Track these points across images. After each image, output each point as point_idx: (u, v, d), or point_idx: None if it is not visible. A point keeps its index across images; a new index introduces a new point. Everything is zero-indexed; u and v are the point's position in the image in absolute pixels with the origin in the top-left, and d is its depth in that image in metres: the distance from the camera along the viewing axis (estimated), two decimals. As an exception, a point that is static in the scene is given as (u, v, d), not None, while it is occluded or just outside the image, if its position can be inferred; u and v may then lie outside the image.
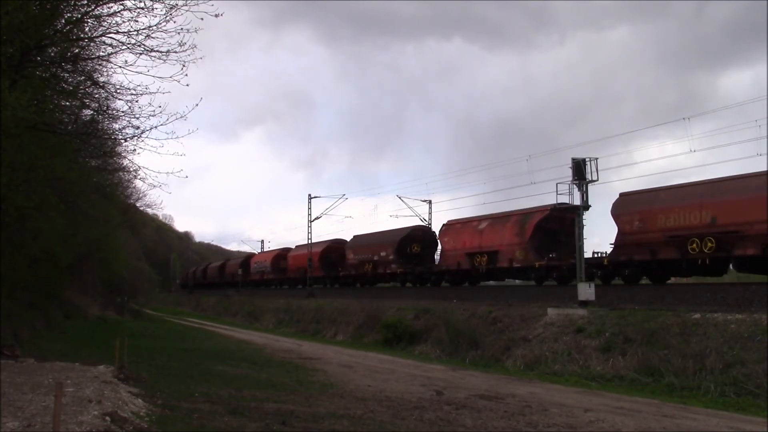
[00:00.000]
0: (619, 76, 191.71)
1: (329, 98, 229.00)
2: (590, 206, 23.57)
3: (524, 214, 30.20)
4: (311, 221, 47.80)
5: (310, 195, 47.95)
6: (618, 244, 24.95)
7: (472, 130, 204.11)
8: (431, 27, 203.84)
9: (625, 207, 24.76)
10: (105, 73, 14.92)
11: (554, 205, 26.69)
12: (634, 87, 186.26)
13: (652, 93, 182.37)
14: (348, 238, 48.21)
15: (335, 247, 48.25)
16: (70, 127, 14.82)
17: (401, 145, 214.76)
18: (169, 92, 13.32)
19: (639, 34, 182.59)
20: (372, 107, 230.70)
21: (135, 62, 12.68)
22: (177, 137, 13.74)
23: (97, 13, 12.32)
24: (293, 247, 57.59)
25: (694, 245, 21.71)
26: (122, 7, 12.09)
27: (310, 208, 47.84)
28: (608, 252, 25.54)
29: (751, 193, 20.21)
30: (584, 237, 22.93)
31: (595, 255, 25.79)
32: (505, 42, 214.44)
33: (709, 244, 21.25)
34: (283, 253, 57.73)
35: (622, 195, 25.51)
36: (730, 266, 22.56)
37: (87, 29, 12.88)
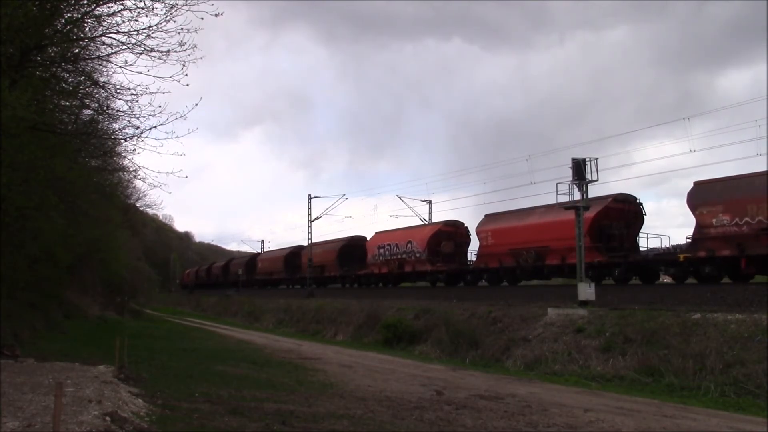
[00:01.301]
0: (618, 76, 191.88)
1: (328, 98, 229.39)
2: (590, 206, 23.61)
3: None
4: (311, 221, 47.84)
5: (310, 195, 47.96)
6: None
7: (471, 130, 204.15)
8: (430, 27, 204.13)
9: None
10: (105, 73, 14.96)
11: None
12: (632, 87, 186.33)
13: (650, 93, 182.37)
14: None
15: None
16: (70, 127, 14.84)
17: (400, 145, 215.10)
18: (169, 92, 13.36)
19: (638, 34, 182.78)
20: (371, 107, 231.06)
21: (135, 62, 12.72)
22: (177, 137, 13.77)
23: (97, 13, 12.34)
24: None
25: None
26: (122, 7, 12.13)
27: (310, 208, 47.87)
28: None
29: None
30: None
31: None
32: (504, 42, 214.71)
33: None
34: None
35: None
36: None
37: (87, 29, 12.90)
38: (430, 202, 45.60)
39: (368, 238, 43.82)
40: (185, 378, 13.14)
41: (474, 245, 34.36)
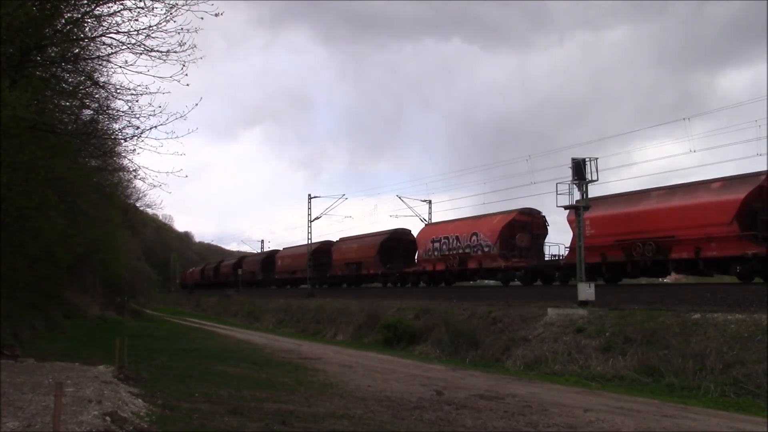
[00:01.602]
0: (618, 76, 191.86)
1: (328, 98, 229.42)
2: (590, 206, 23.59)
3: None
4: (311, 221, 47.81)
5: (310, 195, 47.88)
6: None
7: (471, 130, 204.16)
8: (430, 27, 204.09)
9: None
10: (105, 73, 14.97)
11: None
12: (632, 87, 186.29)
13: (650, 93, 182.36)
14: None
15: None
16: (70, 127, 14.84)
17: (400, 145, 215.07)
18: (169, 92, 13.37)
19: (637, 34, 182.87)
20: (371, 107, 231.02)
21: (135, 62, 12.73)
22: (177, 137, 13.78)
23: (97, 13, 12.36)
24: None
25: None
26: (122, 7, 12.14)
27: (310, 208, 47.80)
28: None
29: None
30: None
31: None
32: (503, 42, 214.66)
33: None
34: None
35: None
36: None
37: (87, 29, 12.92)
38: (430, 202, 45.55)
39: (414, 232, 40.22)
40: (185, 378, 13.14)
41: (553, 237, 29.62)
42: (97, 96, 15.17)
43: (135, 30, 12.25)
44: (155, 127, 13.64)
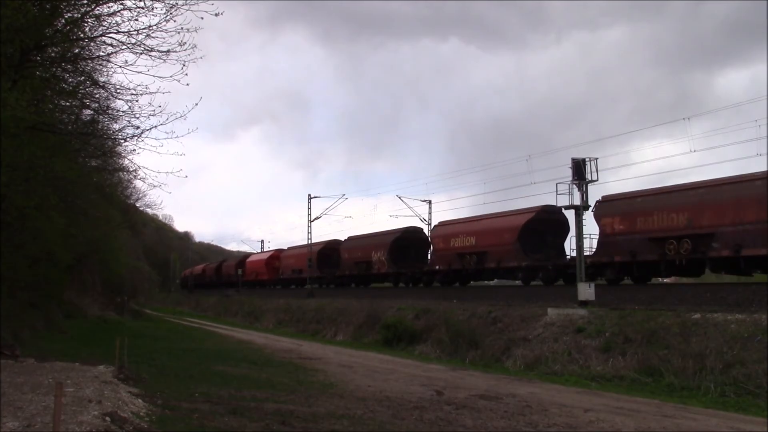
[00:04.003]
0: (616, 76, 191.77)
1: (326, 98, 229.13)
2: (590, 206, 23.56)
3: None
4: (311, 221, 47.81)
5: (310, 195, 47.81)
6: None
7: (469, 130, 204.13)
8: (427, 27, 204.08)
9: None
10: (105, 73, 14.97)
11: None
12: (630, 87, 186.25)
13: (648, 93, 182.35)
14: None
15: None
16: (70, 127, 14.85)
17: (398, 145, 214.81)
18: (169, 92, 13.37)
19: (635, 34, 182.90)
20: (369, 107, 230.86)
21: (135, 62, 12.72)
22: (176, 137, 13.79)
23: (97, 13, 12.35)
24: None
25: None
26: (122, 6, 12.13)
27: (309, 208, 47.79)
28: None
29: None
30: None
31: None
32: (501, 42, 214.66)
33: None
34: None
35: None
36: None
37: (87, 29, 12.91)
38: (429, 202, 45.47)
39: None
40: (185, 378, 13.15)
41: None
42: (97, 96, 15.18)
43: (135, 30, 12.26)
44: (155, 127, 13.66)
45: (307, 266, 47.05)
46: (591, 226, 24.85)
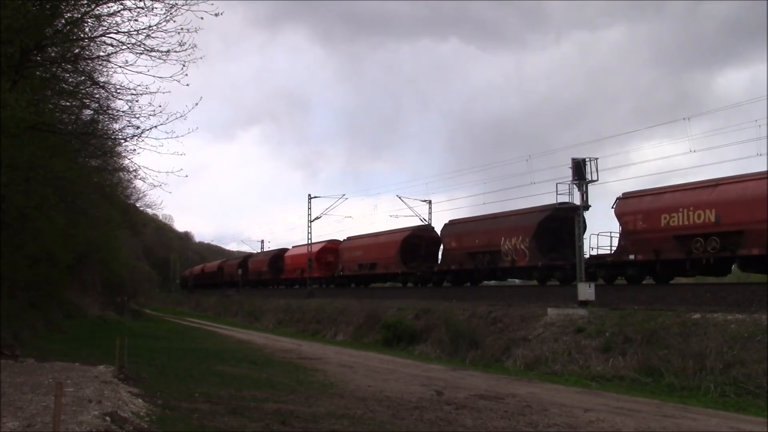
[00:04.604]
0: (615, 76, 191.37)
1: (325, 98, 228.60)
2: (590, 206, 23.56)
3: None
4: (311, 221, 47.78)
5: (310, 195, 47.64)
6: None
7: (469, 130, 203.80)
8: (427, 27, 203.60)
9: None
10: (105, 73, 14.99)
11: None
12: (629, 87, 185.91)
13: (648, 93, 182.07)
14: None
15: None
16: (70, 127, 14.86)
17: (398, 145, 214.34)
18: (169, 92, 13.38)
19: (634, 34, 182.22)
20: (368, 107, 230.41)
21: (135, 62, 12.73)
22: (177, 137, 13.80)
23: (97, 13, 12.36)
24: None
25: None
26: (122, 7, 12.14)
27: (310, 208, 47.73)
28: None
29: None
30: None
31: None
32: (500, 42, 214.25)
33: None
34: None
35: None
36: None
37: (87, 29, 12.93)
38: (430, 202, 45.34)
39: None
40: (185, 378, 13.15)
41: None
42: (97, 96, 15.18)
43: (135, 30, 12.27)
44: (155, 127, 13.68)
45: (308, 266, 46.65)
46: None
